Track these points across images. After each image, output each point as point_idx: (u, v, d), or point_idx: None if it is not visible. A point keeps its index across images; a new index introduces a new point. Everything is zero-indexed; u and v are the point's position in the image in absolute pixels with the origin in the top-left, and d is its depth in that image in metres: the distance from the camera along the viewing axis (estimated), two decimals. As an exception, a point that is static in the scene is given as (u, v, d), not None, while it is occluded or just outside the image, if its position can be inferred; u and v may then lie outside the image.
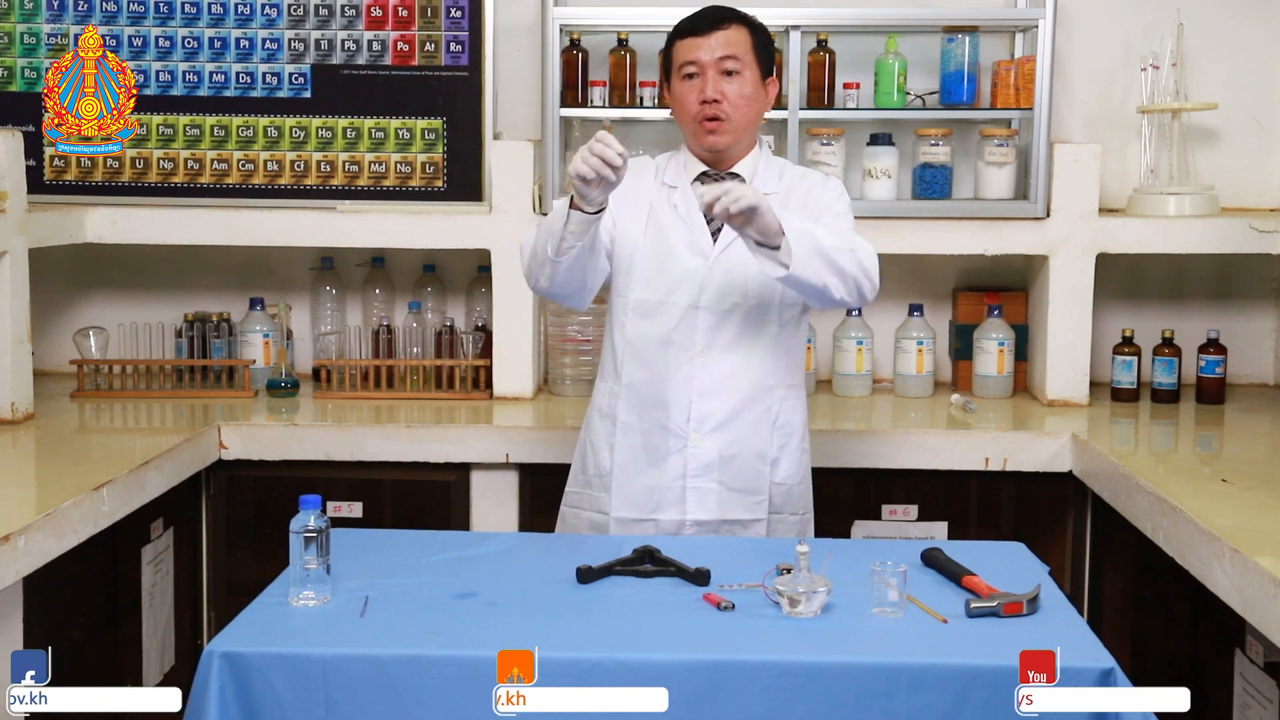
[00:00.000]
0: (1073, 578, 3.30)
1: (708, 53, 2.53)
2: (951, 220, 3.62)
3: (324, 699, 1.93)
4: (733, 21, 2.57)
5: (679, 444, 2.60)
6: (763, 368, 2.61)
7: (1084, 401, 3.63)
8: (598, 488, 2.67)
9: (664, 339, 2.60)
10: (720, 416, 2.59)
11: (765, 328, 2.60)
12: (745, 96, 2.55)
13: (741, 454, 2.61)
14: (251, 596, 2.18)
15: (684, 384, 2.59)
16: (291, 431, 3.32)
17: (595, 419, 2.70)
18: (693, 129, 2.57)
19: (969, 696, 1.90)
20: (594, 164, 2.29)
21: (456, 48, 3.67)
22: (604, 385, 2.70)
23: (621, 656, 1.93)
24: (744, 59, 2.55)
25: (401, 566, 2.30)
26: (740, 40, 2.56)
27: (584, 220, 2.38)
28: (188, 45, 3.68)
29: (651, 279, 2.60)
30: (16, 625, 2.41)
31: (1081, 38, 3.82)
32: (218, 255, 3.91)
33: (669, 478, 2.61)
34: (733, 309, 2.58)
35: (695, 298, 2.58)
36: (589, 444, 2.71)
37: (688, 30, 2.57)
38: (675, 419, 2.59)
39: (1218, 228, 3.59)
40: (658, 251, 2.60)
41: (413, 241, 3.68)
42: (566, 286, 2.51)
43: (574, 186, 2.34)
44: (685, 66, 2.56)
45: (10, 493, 2.66)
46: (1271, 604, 2.11)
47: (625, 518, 2.63)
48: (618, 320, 2.65)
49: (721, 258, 2.58)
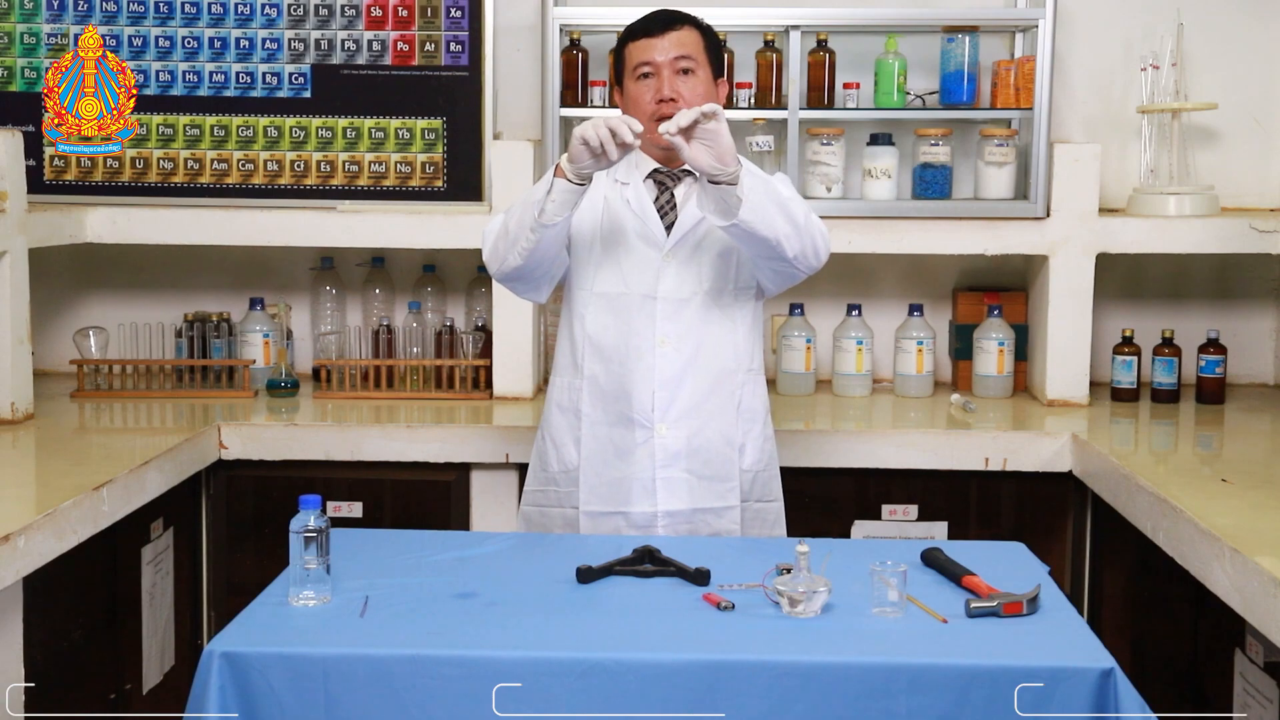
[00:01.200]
0: (1073, 578, 3.30)
1: (662, 53, 2.57)
2: (951, 220, 3.62)
3: (324, 699, 1.92)
4: (685, 23, 2.61)
5: (645, 435, 2.61)
6: (723, 354, 2.64)
7: (1084, 401, 3.63)
8: (564, 483, 2.68)
9: (623, 330, 2.62)
10: (684, 405, 2.61)
11: (722, 313, 2.63)
12: (699, 95, 2.57)
13: (709, 442, 2.63)
14: (251, 596, 2.18)
15: (646, 374, 2.61)
16: (291, 431, 3.32)
17: (555, 414, 2.71)
18: (648, 127, 2.57)
19: (969, 696, 1.90)
20: (603, 134, 2.32)
21: (456, 48, 3.67)
22: (562, 380, 2.71)
23: (621, 656, 1.93)
24: (697, 59, 2.59)
25: (401, 566, 2.30)
26: (693, 41, 2.60)
27: (568, 189, 2.40)
28: (188, 45, 3.68)
29: (608, 271, 2.63)
30: (16, 625, 2.41)
31: (1081, 38, 3.82)
32: (218, 255, 3.91)
33: (637, 469, 2.62)
34: (690, 297, 2.61)
35: (652, 288, 2.61)
36: (549, 440, 2.71)
37: (641, 32, 2.61)
38: (639, 410, 2.61)
39: (1218, 228, 3.59)
40: (613, 244, 2.63)
41: (413, 241, 3.68)
42: (536, 269, 2.53)
43: (572, 148, 2.37)
44: (640, 67, 2.59)
45: (10, 493, 2.65)
46: (1271, 604, 2.11)
47: (595, 511, 2.64)
48: (577, 314, 2.67)
49: (676, 248, 2.61)
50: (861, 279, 3.94)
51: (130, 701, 2.92)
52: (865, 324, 3.79)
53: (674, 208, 2.63)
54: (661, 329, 2.61)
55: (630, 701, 1.91)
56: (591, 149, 2.34)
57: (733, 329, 2.65)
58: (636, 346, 2.61)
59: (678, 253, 2.61)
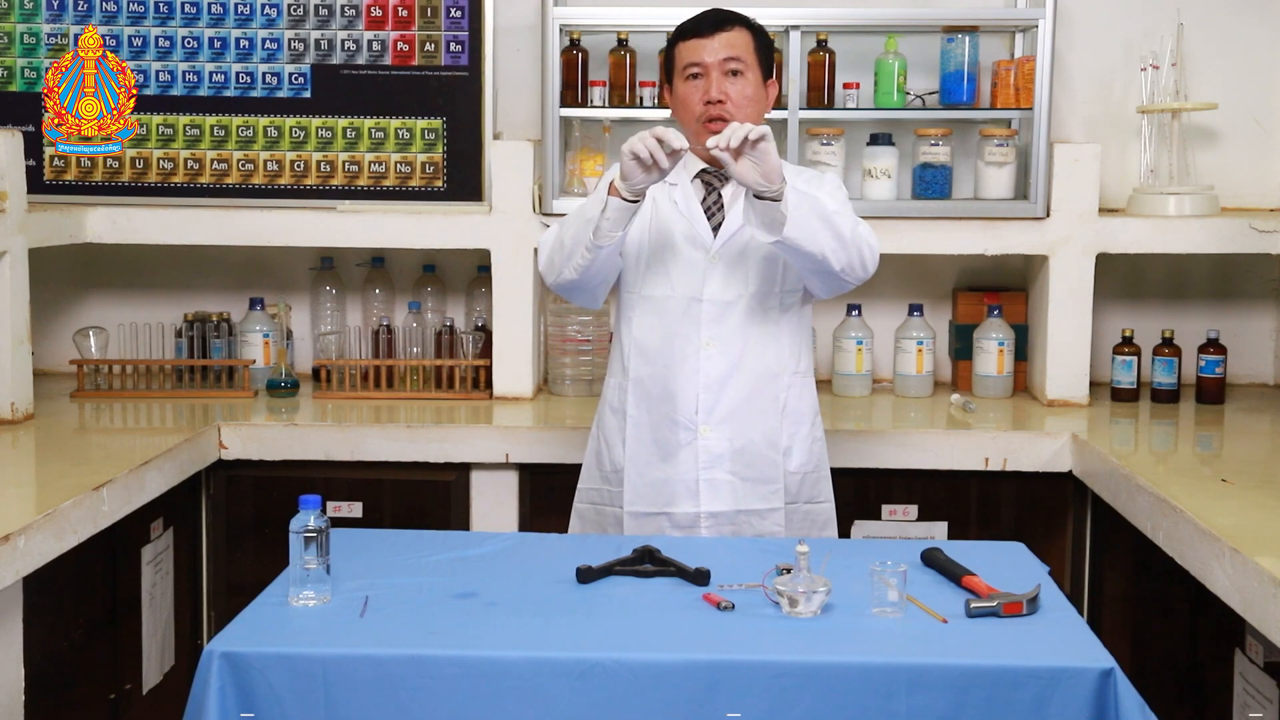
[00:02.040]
0: (1073, 578, 3.30)
1: (711, 54, 2.56)
2: (951, 220, 3.62)
3: (324, 699, 1.92)
4: (735, 23, 2.60)
5: (689, 436, 2.62)
6: (768, 356, 2.64)
7: (1084, 401, 3.63)
8: (613, 483, 2.70)
9: (668, 333, 2.63)
10: (728, 407, 2.62)
11: (768, 316, 2.63)
12: (748, 97, 2.57)
13: (752, 444, 2.63)
14: (251, 596, 2.18)
15: (690, 376, 2.61)
16: (291, 431, 3.32)
17: (607, 414, 2.73)
18: (696, 129, 2.58)
19: (969, 696, 1.90)
20: (651, 145, 2.32)
21: (456, 48, 3.67)
22: (613, 381, 2.72)
23: (621, 656, 1.93)
24: (747, 60, 2.58)
25: (401, 566, 2.30)
26: (743, 42, 2.59)
27: (622, 208, 2.40)
28: (188, 45, 3.68)
29: (654, 274, 2.63)
30: (16, 625, 2.41)
31: (1081, 38, 3.82)
32: (218, 255, 3.91)
33: (681, 470, 2.63)
34: (735, 299, 2.61)
35: (698, 291, 2.61)
36: (602, 439, 2.73)
37: (691, 32, 2.60)
38: (683, 411, 2.62)
39: (1218, 228, 3.59)
40: (660, 247, 2.63)
41: (413, 241, 3.68)
42: (594, 279, 2.54)
43: (622, 165, 2.36)
44: (689, 68, 2.58)
45: (10, 493, 2.66)
46: (1271, 604, 2.11)
47: (639, 511, 2.65)
48: (625, 316, 2.69)
49: (722, 250, 2.61)
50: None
51: (130, 701, 2.92)
52: (865, 324, 3.79)
53: (721, 208, 2.63)
54: (707, 331, 2.61)
55: (630, 701, 1.91)
56: (643, 162, 2.34)
57: (778, 332, 2.65)
58: (681, 349, 2.62)
59: (725, 254, 2.61)
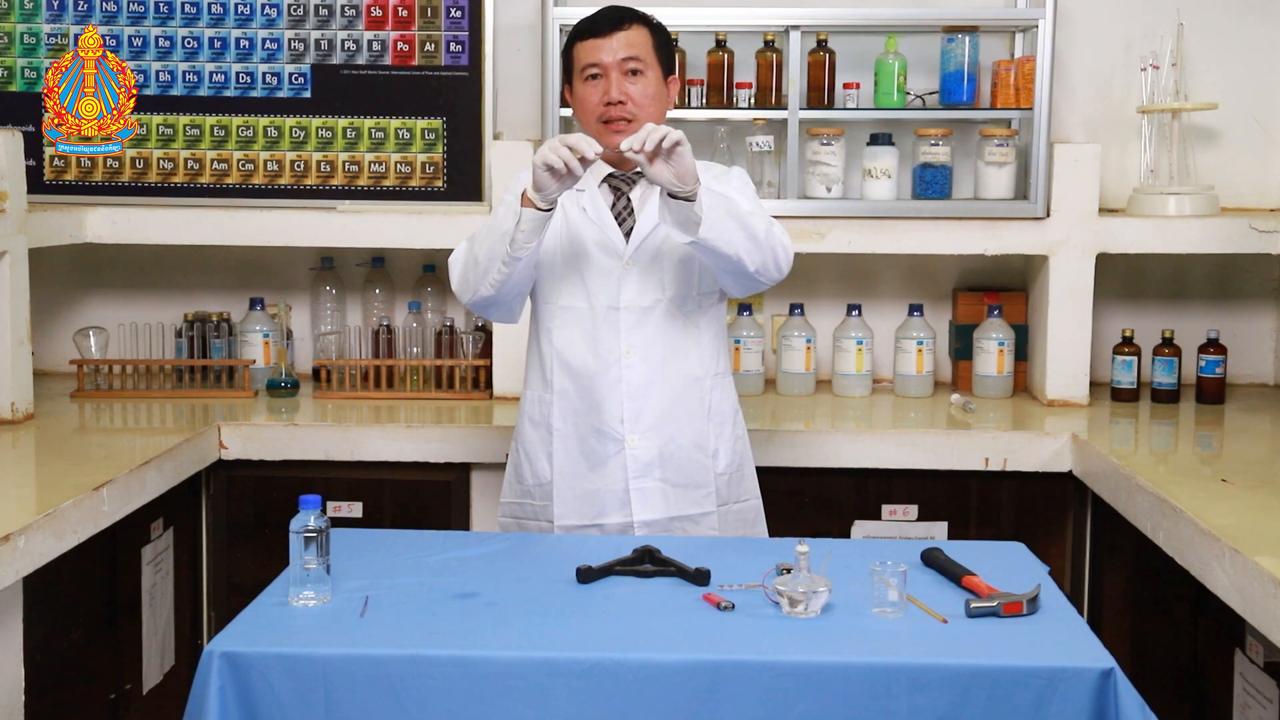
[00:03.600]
0: (1073, 578, 3.30)
1: (610, 54, 2.53)
2: (951, 220, 3.62)
3: (324, 699, 1.92)
4: (633, 22, 2.56)
5: (616, 446, 2.58)
6: (690, 360, 2.62)
7: (1084, 401, 3.63)
8: (538, 497, 2.65)
9: (589, 342, 2.59)
10: (654, 414, 2.59)
11: (687, 319, 2.61)
12: (649, 96, 2.54)
13: (681, 449, 2.60)
14: (251, 596, 2.18)
15: (613, 386, 2.58)
16: (291, 431, 3.32)
17: (527, 428, 2.68)
18: (597, 129, 2.55)
19: (969, 696, 1.90)
20: (565, 155, 2.29)
21: (456, 48, 3.67)
22: (532, 394, 2.68)
23: (621, 656, 1.93)
24: (646, 59, 2.55)
25: (401, 566, 2.30)
26: (641, 40, 2.55)
27: (536, 218, 2.37)
28: (188, 45, 3.68)
29: (570, 284, 2.60)
30: (16, 625, 2.41)
31: (1081, 38, 3.82)
32: (218, 255, 3.91)
33: (610, 481, 2.59)
34: (653, 305, 2.58)
35: (614, 298, 2.58)
36: (523, 453, 2.69)
37: (588, 31, 2.56)
38: (609, 421, 2.58)
39: (1218, 228, 3.59)
40: (573, 256, 2.59)
41: (413, 241, 3.68)
42: (510, 293, 2.51)
43: (535, 176, 2.34)
44: (588, 68, 2.54)
45: (10, 493, 2.65)
46: (1271, 604, 2.11)
47: (570, 524, 2.61)
48: (543, 328, 2.64)
49: (636, 255, 2.58)
50: (861, 279, 3.94)
51: (130, 702, 2.92)
52: (865, 324, 3.79)
53: (631, 213, 2.60)
54: (626, 339, 2.58)
55: (630, 701, 1.91)
56: (556, 173, 2.31)
57: (698, 334, 2.62)
58: (603, 359, 2.58)
59: (638, 259, 2.58)
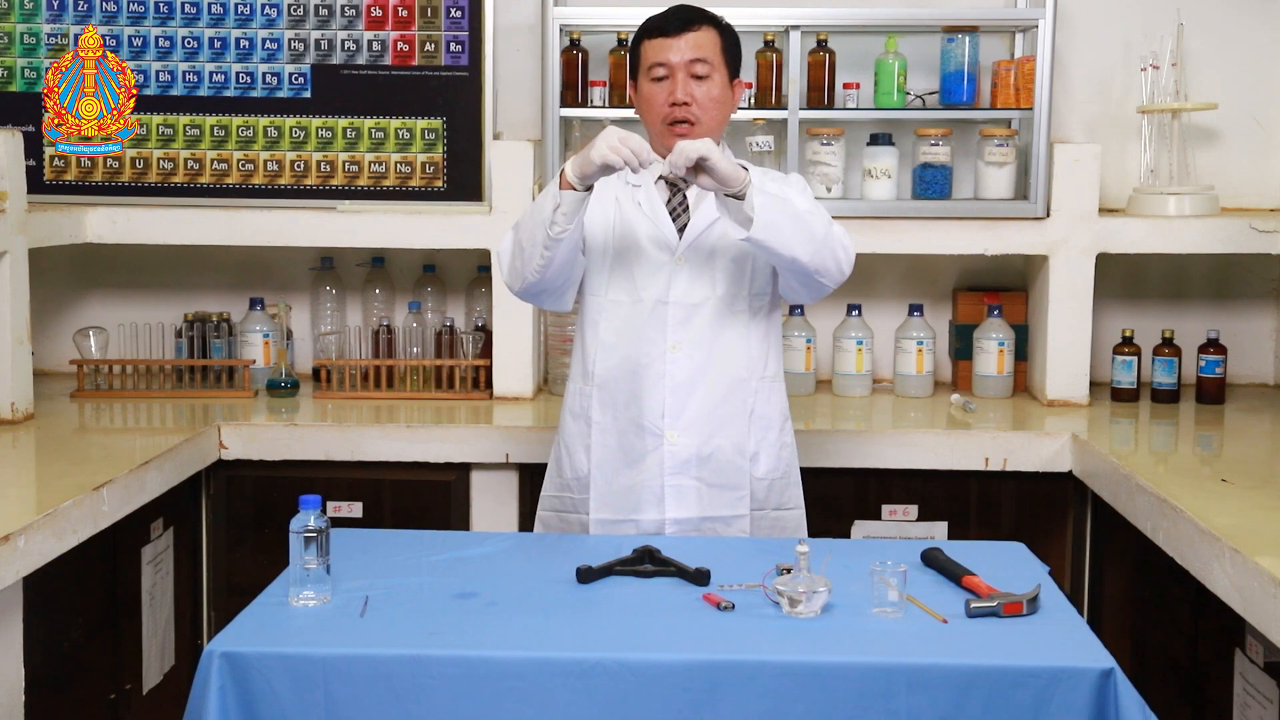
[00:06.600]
0: (1073, 578, 3.30)
1: (677, 54, 2.51)
2: (951, 220, 3.62)
3: (324, 699, 1.92)
4: (702, 23, 2.54)
5: (655, 442, 2.57)
6: (735, 360, 2.60)
7: (1084, 401, 3.64)
8: (576, 490, 2.65)
9: (634, 336, 2.58)
10: (695, 412, 2.57)
11: (736, 319, 2.59)
12: (714, 99, 2.53)
13: (719, 449, 2.59)
14: (251, 596, 2.18)
15: (656, 380, 2.57)
16: (291, 431, 3.32)
17: (568, 420, 2.68)
18: (660, 130, 2.55)
19: (969, 696, 1.90)
20: (627, 157, 2.29)
21: (456, 48, 3.67)
22: (575, 386, 2.68)
23: (621, 656, 1.93)
24: (713, 61, 2.53)
25: (401, 566, 2.30)
26: (710, 42, 2.54)
27: (575, 199, 2.37)
28: (188, 45, 3.68)
29: (619, 277, 2.59)
30: (16, 625, 2.41)
31: (1081, 38, 3.82)
32: (218, 255, 3.91)
33: (646, 477, 2.58)
34: (702, 302, 2.57)
35: (664, 293, 2.57)
36: (563, 446, 2.68)
37: (657, 30, 2.54)
38: (650, 417, 2.57)
39: (1218, 228, 3.59)
40: (624, 249, 2.59)
41: (413, 241, 3.68)
42: (556, 279, 2.50)
43: (586, 164, 2.32)
44: (655, 68, 2.53)
45: (10, 493, 2.66)
46: (1271, 604, 2.11)
47: (605, 519, 2.60)
48: (589, 320, 2.64)
49: (688, 252, 2.57)
50: (861, 279, 3.91)
51: (130, 701, 2.92)
52: (865, 324, 3.79)
53: (686, 209, 2.59)
54: (673, 335, 2.56)
55: (630, 701, 1.91)
56: (614, 169, 2.31)
57: (746, 335, 2.60)
58: (647, 353, 2.57)
59: (690, 256, 2.57)
